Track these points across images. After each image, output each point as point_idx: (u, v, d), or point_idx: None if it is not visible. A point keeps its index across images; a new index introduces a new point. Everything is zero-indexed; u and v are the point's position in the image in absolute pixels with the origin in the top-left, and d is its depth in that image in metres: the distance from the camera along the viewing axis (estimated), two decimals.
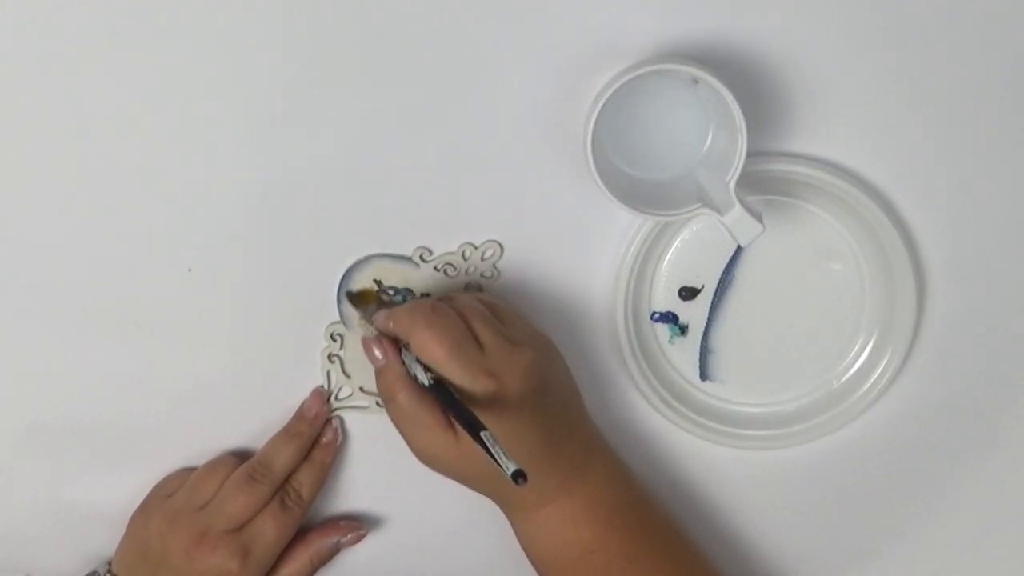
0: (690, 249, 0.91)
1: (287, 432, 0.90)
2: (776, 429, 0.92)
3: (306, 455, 0.90)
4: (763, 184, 0.88)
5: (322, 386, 0.91)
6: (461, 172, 0.88)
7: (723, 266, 0.91)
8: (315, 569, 0.91)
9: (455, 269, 0.89)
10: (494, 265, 0.90)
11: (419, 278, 0.90)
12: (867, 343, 0.91)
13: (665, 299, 0.92)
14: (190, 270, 0.88)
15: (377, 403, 0.90)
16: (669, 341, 0.92)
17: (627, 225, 0.89)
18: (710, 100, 0.84)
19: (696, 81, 0.84)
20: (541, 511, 0.85)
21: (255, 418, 0.91)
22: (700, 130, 0.86)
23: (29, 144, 0.87)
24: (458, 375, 0.81)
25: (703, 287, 0.91)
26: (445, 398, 0.81)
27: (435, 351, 0.81)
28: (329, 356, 0.90)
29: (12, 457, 0.90)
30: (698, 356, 0.92)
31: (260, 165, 0.87)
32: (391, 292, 0.89)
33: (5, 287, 0.88)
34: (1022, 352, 0.93)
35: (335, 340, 0.90)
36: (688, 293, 0.91)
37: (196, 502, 0.88)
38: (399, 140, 0.87)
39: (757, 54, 0.87)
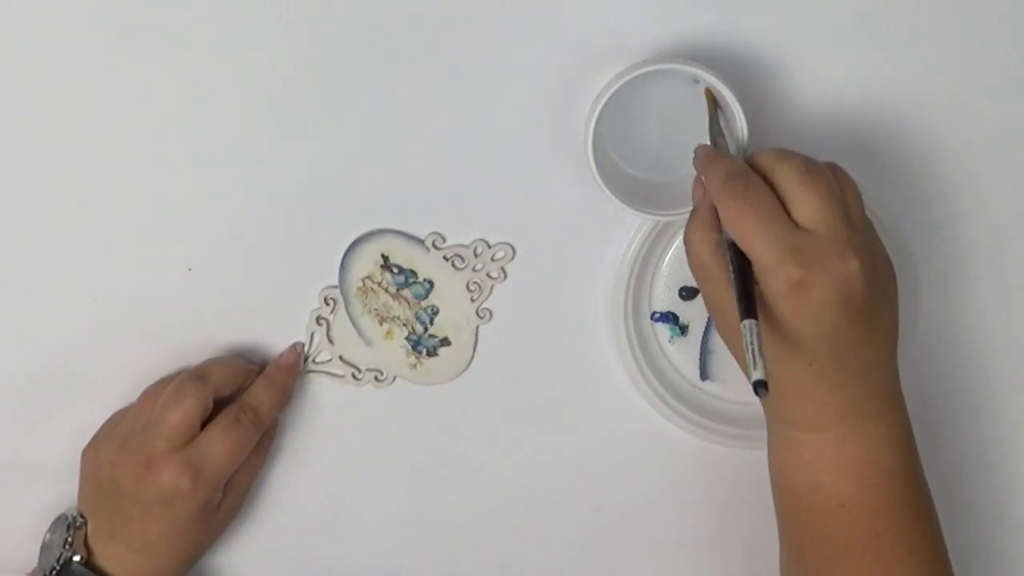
0: None
1: (234, 355, 0.89)
2: None
3: (248, 376, 0.88)
4: None
5: (301, 343, 0.91)
6: (461, 171, 0.88)
7: None
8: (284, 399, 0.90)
9: (463, 262, 0.90)
10: (502, 268, 0.90)
11: (426, 263, 0.90)
12: None
13: (665, 299, 0.92)
14: (190, 269, 0.88)
15: (353, 375, 0.90)
16: (669, 341, 0.92)
17: (627, 225, 0.89)
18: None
19: (696, 81, 0.84)
20: (805, 435, 0.79)
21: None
22: (700, 130, 0.86)
23: (29, 144, 0.87)
24: (761, 249, 0.73)
25: None
26: (734, 262, 0.74)
27: (745, 220, 0.74)
28: (317, 319, 0.90)
29: (12, 457, 0.91)
30: (698, 356, 0.92)
31: (265, 162, 0.88)
32: (395, 270, 0.89)
33: (5, 287, 0.88)
34: (1014, 352, 0.93)
35: (327, 304, 0.90)
36: (688, 293, 0.91)
37: (139, 425, 0.86)
38: (398, 139, 0.88)
39: (757, 54, 0.87)
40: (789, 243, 0.74)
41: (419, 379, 0.91)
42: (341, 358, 0.91)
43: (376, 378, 0.91)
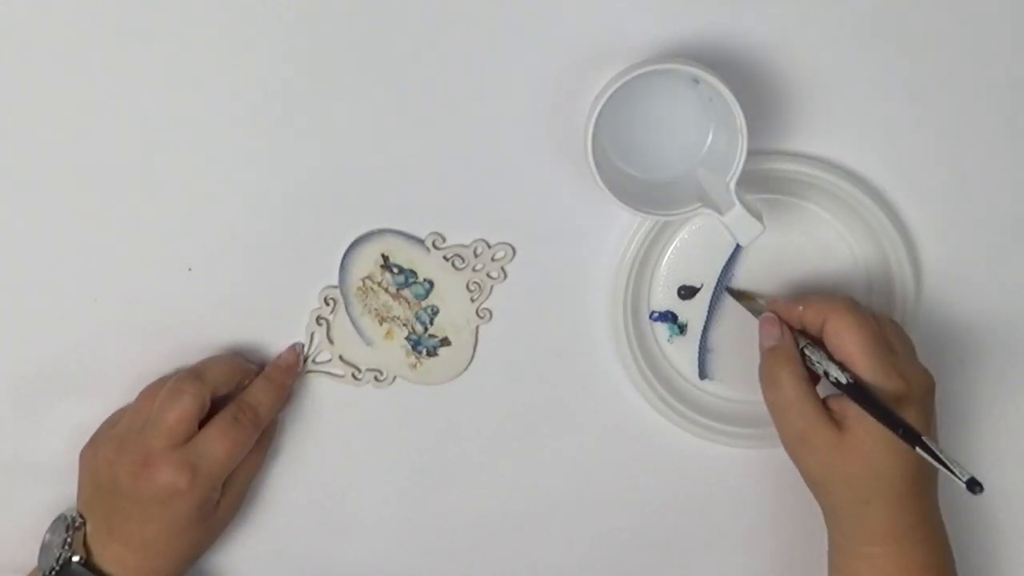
0: (689, 248, 0.91)
1: (232, 353, 0.89)
2: (775, 428, 0.92)
3: (246, 375, 0.89)
4: (763, 183, 0.88)
5: (300, 343, 0.91)
6: (461, 171, 0.88)
7: (722, 265, 0.91)
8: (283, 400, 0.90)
9: (463, 262, 0.90)
10: (502, 268, 0.90)
11: (426, 263, 0.90)
12: None
13: (664, 298, 0.92)
14: (190, 269, 0.88)
15: (353, 375, 0.90)
16: (668, 340, 0.92)
17: (627, 224, 0.89)
18: (711, 100, 0.84)
19: (697, 81, 0.84)
20: (884, 548, 0.84)
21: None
22: (700, 130, 0.86)
23: (29, 144, 0.87)
24: (870, 368, 0.81)
25: (702, 286, 0.91)
26: (864, 397, 0.80)
27: (854, 338, 0.81)
28: (317, 319, 0.90)
29: (12, 457, 0.90)
30: (697, 355, 0.92)
31: (265, 162, 0.88)
32: (395, 270, 0.89)
33: (5, 287, 0.88)
34: (1019, 351, 0.93)
35: (327, 304, 0.90)
36: (687, 292, 0.91)
37: (137, 424, 0.85)
38: (398, 140, 0.88)
39: (757, 54, 0.87)
40: (891, 361, 0.82)
41: (419, 379, 0.91)
42: (341, 358, 0.91)
43: (376, 378, 0.91)
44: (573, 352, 0.90)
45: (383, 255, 0.90)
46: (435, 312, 0.90)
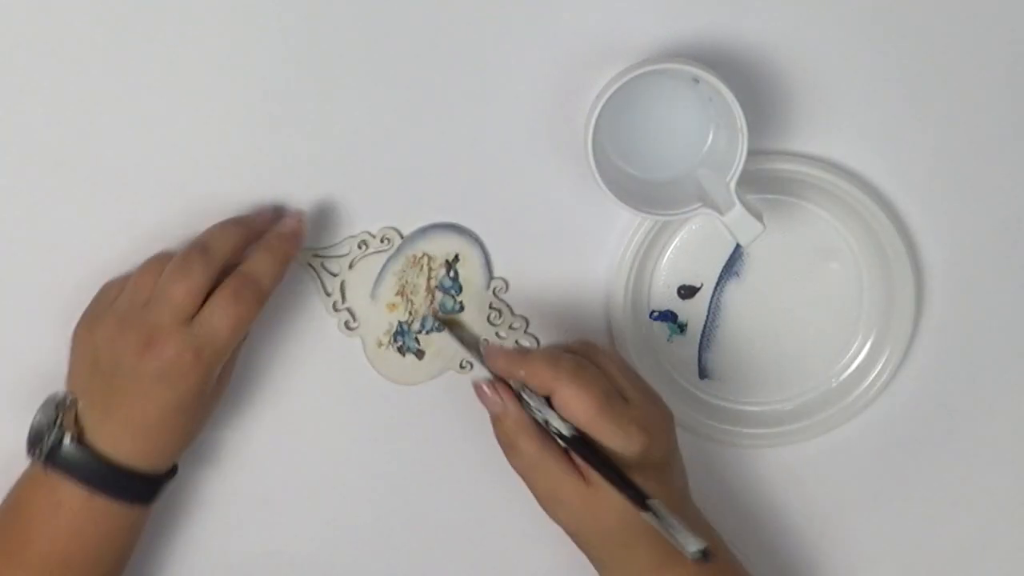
0: (689, 248, 0.91)
1: (235, 219, 0.85)
2: (774, 427, 0.92)
3: (250, 239, 0.84)
4: (763, 183, 0.88)
5: (304, 211, 0.87)
6: (462, 170, 0.88)
7: (722, 265, 0.91)
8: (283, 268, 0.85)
9: (500, 317, 0.90)
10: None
11: (475, 295, 0.90)
12: (865, 342, 0.92)
13: (664, 298, 0.92)
14: None
15: (335, 305, 0.88)
16: (668, 340, 0.92)
17: (627, 224, 0.89)
18: (711, 100, 0.84)
19: (697, 81, 0.84)
20: (686, 568, 0.81)
21: (263, 406, 0.91)
22: (700, 130, 0.86)
23: (29, 144, 0.87)
24: (608, 432, 0.79)
25: (702, 286, 0.91)
26: (593, 458, 0.78)
27: (585, 407, 0.78)
28: (361, 243, 0.88)
29: (12, 456, 0.90)
30: (697, 355, 0.92)
31: (264, 162, 0.88)
32: (452, 275, 0.89)
33: (5, 286, 0.88)
34: (1019, 351, 0.93)
35: (384, 242, 0.88)
36: (687, 292, 0.91)
37: (139, 300, 0.81)
38: (397, 140, 0.88)
39: (757, 54, 0.87)
40: (627, 415, 0.79)
41: (371, 360, 0.90)
42: (343, 284, 0.89)
43: (347, 324, 0.90)
44: None
45: (457, 255, 0.89)
46: (439, 329, 0.90)
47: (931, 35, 0.88)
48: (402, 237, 0.89)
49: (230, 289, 0.81)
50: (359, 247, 0.89)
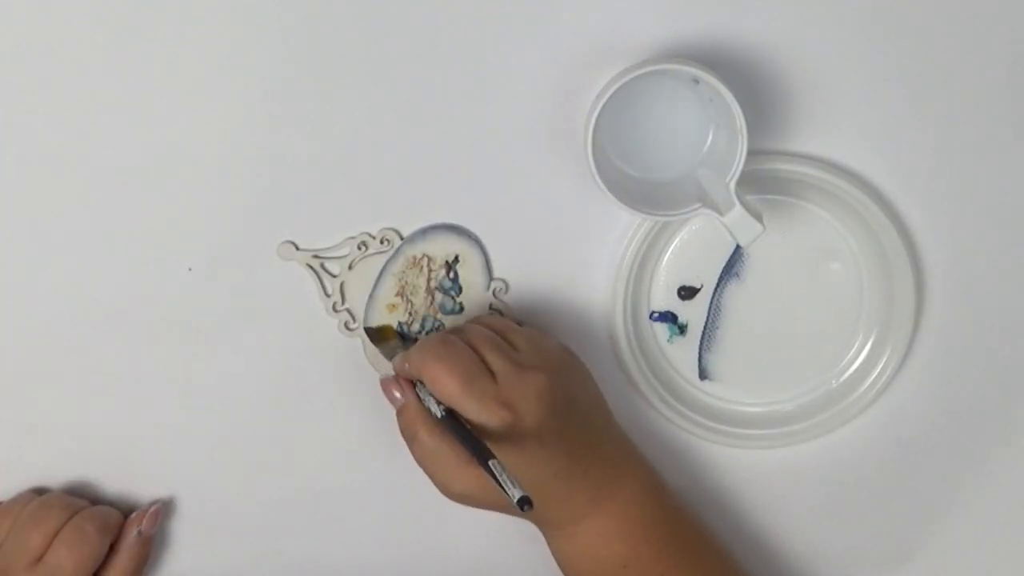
0: (689, 248, 0.91)
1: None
2: (775, 428, 0.92)
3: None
4: (763, 184, 0.88)
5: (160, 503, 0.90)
6: (462, 171, 0.88)
7: (722, 265, 0.91)
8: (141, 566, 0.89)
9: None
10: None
11: (475, 296, 0.90)
12: (866, 342, 0.92)
13: (664, 298, 0.92)
14: (190, 269, 0.88)
15: (335, 306, 0.89)
16: (668, 340, 0.92)
17: (627, 225, 0.89)
18: (711, 100, 0.84)
19: (697, 81, 0.84)
20: (574, 527, 0.85)
21: (262, 406, 0.91)
22: (700, 130, 0.86)
23: (28, 144, 0.87)
24: (473, 409, 0.81)
25: (702, 286, 0.91)
26: (455, 429, 0.80)
27: (448, 386, 0.81)
28: (361, 244, 0.89)
29: (12, 456, 0.90)
30: (697, 355, 0.92)
31: (264, 162, 0.88)
32: (452, 275, 0.89)
33: (4, 287, 0.88)
34: (1020, 351, 0.93)
35: (384, 243, 0.89)
36: (687, 292, 0.91)
37: None
38: (397, 140, 0.88)
39: (757, 54, 0.87)
40: (490, 393, 0.81)
41: (372, 361, 0.90)
42: (343, 284, 0.90)
43: (347, 325, 0.90)
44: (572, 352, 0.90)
45: (457, 256, 0.89)
46: (440, 328, 0.90)
47: (931, 35, 0.88)
48: (402, 238, 0.89)
49: (76, 527, 0.85)
50: (359, 248, 0.89)
